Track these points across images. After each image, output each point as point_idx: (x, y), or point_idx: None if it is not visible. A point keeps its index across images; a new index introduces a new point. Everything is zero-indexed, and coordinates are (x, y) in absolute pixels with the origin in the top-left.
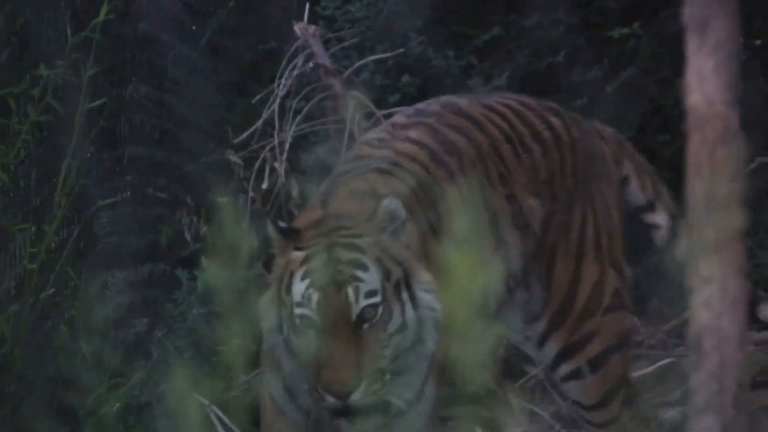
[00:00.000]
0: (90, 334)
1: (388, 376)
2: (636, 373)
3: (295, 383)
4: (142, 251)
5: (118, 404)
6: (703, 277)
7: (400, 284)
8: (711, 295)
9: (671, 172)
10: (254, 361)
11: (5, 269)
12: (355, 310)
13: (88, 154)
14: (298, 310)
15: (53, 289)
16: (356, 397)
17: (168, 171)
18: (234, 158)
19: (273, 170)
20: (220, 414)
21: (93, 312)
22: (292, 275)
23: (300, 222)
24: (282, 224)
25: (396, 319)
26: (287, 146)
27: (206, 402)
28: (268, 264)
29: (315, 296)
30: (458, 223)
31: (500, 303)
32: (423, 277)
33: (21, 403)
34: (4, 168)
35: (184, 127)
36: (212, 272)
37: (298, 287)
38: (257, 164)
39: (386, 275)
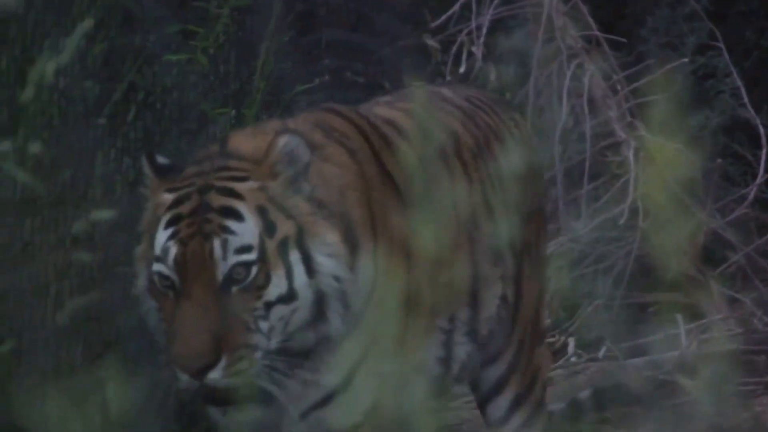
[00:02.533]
0: None
1: (259, 355)
2: None
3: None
4: None
5: None
6: None
7: (288, 243)
8: None
9: None
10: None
11: None
12: (222, 269)
13: (287, 38)
14: (155, 267)
15: None
16: (213, 377)
17: (365, 55)
18: (431, 42)
19: (470, 54)
20: None
21: None
22: (158, 223)
23: (195, 156)
24: (162, 159)
25: (278, 285)
26: (485, 30)
27: None
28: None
29: (174, 249)
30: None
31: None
32: (326, 239)
33: None
34: (204, 52)
35: (381, 10)
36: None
37: (159, 238)
38: (454, 48)
39: (268, 229)
